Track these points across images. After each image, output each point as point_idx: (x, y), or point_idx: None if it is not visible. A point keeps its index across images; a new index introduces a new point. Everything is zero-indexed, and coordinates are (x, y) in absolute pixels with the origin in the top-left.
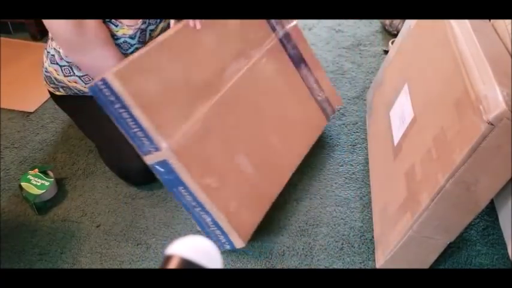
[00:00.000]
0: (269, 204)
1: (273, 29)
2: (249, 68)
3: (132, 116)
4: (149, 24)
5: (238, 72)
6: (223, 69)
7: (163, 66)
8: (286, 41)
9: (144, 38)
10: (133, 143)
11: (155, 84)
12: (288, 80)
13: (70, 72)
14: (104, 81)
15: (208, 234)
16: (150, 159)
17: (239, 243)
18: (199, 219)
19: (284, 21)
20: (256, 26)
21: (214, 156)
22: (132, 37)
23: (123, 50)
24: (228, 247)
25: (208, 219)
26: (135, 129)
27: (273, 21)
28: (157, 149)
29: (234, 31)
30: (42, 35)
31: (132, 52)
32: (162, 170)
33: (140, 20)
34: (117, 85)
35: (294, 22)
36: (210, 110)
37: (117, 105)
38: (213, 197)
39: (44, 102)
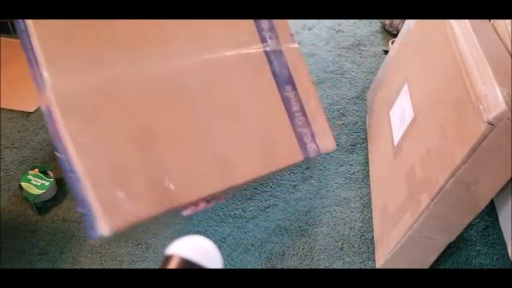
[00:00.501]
0: (170, 204)
1: (263, 40)
2: (212, 59)
3: (30, 42)
4: None
5: (195, 56)
6: (176, 50)
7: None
8: (274, 56)
9: None
10: (30, 74)
11: (64, 24)
12: (260, 94)
13: None
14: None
15: (79, 206)
16: (41, 101)
17: (105, 229)
18: (74, 191)
19: (282, 39)
20: (241, 29)
21: (107, 117)
22: None
23: None
24: (92, 234)
25: (80, 193)
26: (32, 57)
27: (266, 33)
28: (44, 86)
29: (213, 25)
30: None
31: None
32: (47, 114)
33: None
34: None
35: (296, 45)
36: (122, 74)
37: (21, 27)
38: (86, 162)
39: None
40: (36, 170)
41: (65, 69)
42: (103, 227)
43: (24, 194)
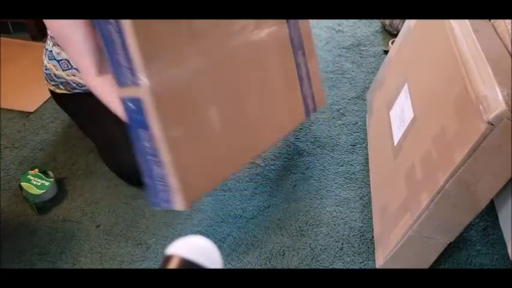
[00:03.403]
0: (228, 173)
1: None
2: (253, 36)
3: (123, 41)
4: None
5: (241, 36)
6: (229, 29)
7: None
8: (292, 27)
9: None
10: (111, 70)
11: (154, 22)
12: (282, 60)
13: (68, 66)
14: None
15: (150, 185)
16: (123, 92)
17: (181, 205)
18: (148, 169)
19: None
20: None
21: (188, 109)
22: None
23: None
24: (165, 206)
25: (158, 171)
26: (120, 56)
27: None
28: (135, 84)
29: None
30: (42, 35)
31: None
32: (133, 107)
33: None
34: None
35: None
36: (202, 64)
37: (111, 26)
38: (174, 151)
39: (44, 102)
40: (36, 170)
41: (156, 67)
42: (181, 202)
43: (24, 194)
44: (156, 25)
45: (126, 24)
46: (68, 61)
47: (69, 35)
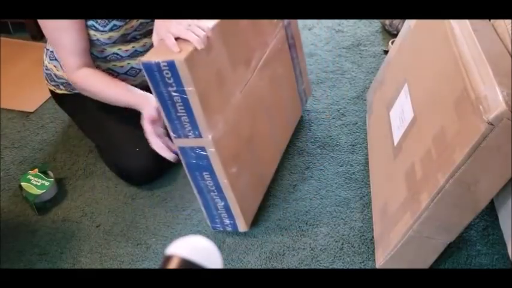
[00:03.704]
0: (266, 188)
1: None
2: (266, 56)
3: (185, 102)
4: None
5: (259, 61)
6: (251, 58)
7: (216, 55)
8: (288, 28)
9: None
10: (168, 123)
11: (209, 74)
12: (283, 65)
13: None
14: (171, 64)
15: (211, 215)
16: (182, 143)
17: (243, 227)
18: (209, 202)
19: None
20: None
21: (240, 144)
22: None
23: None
24: (229, 229)
25: (221, 204)
26: (182, 114)
27: None
28: (198, 136)
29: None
30: (42, 35)
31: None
32: (193, 154)
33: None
34: (184, 71)
35: None
36: (241, 100)
37: (172, 88)
38: (234, 185)
39: (44, 102)
40: (36, 170)
41: (214, 120)
42: (243, 225)
43: (24, 194)
44: (209, 85)
45: (192, 92)
46: None
47: (61, 37)
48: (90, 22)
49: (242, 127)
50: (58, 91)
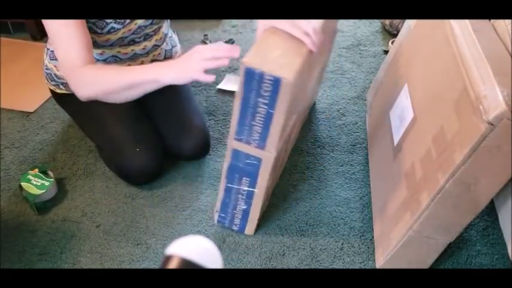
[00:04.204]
0: (271, 191)
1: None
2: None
3: (268, 116)
4: (151, 23)
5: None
6: (312, 79)
7: (302, 80)
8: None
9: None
10: (236, 125)
11: (295, 94)
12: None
13: None
14: (275, 79)
15: (224, 211)
16: (241, 147)
17: (250, 231)
18: (232, 201)
19: None
20: None
21: (280, 159)
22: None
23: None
24: (235, 228)
25: (243, 207)
26: (257, 124)
27: None
28: (261, 148)
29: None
30: (42, 35)
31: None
32: (246, 160)
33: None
34: (286, 91)
35: None
36: (295, 119)
37: (263, 100)
38: (263, 195)
39: (44, 102)
40: (36, 170)
41: (281, 137)
42: (252, 230)
43: (24, 194)
44: (291, 104)
45: (280, 111)
46: None
47: (62, 30)
48: (88, 25)
49: (285, 143)
50: (58, 91)
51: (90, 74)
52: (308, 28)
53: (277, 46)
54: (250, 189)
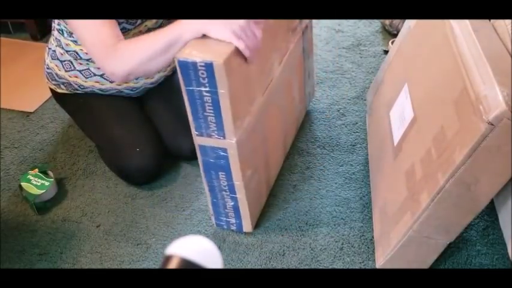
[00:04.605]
0: (270, 189)
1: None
2: (285, 60)
3: (215, 103)
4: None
5: (279, 65)
6: (273, 63)
7: (243, 62)
8: (305, 32)
9: None
10: (192, 121)
11: (240, 77)
12: (296, 68)
13: (71, 67)
14: (208, 65)
15: (217, 213)
16: (204, 141)
17: (248, 228)
18: (219, 200)
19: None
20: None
21: (256, 147)
22: None
23: None
24: (234, 228)
25: (231, 204)
26: (209, 114)
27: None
28: (222, 137)
29: (283, 22)
30: (42, 35)
31: None
32: (212, 153)
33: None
34: (221, 74)
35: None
36: (261, 103)
37: (205, 88)
38: (246, 186)
39: (44, 102)
40: (36, 170)
41: (239, 124)
42: (248, 226)
43: (24, 194)
44: (239, 88)
45: (224, 94)
46: (71, 62)
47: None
48: None
49: (259, 130)
50: (59, 90)
51: (125, 47)
52: (250, 43)
53: (209, 40)
54: (229, 183)
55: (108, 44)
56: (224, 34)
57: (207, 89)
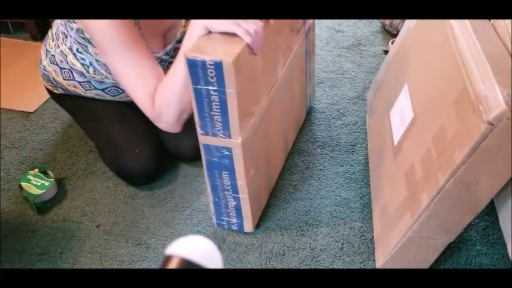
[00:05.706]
0: (271, 189)
1: (304, 21)
2: (289, 61)
3: (223, 102)
4: (171, 57)
5: (284, 66)
6: (278, 63)
7: (254, 58)
8: (308, 33)
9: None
10: (198, 120)
11: (247, 77)
12: (299, 69)
13: (70, 76)
14: (217, 64)
15: (219, 212)
16: (209, 141)
17: (249, 228)
18: (221, 199)
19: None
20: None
21: (259, 147)
22: None
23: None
24: (235, 228)
25: (233, 203)
26: (216, 113)
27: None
28: (227, 137)
29: (287, 23)
30: (42, 35)
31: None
32: (217, 153)
33: (162, 51)
34: (230, 73)
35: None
36: (267, 103)
37: (212, 87)
38: (249, 186)
39: (44, 102)
40: (36, 170)
41: (245, 124)
42: (249, 226)
43: (24, 194)
44: (246, 88)
45: (232, 93)
46: (71, 72)
47: (139, 62)
48: None
49: (262, 130)
50: (56, 91)
51: (158, 102)
52: (250, 28)
53: (217, 40)
54: (232, 182)
55: (150, 93)
56: (224, 24)
57: (215, 88)
